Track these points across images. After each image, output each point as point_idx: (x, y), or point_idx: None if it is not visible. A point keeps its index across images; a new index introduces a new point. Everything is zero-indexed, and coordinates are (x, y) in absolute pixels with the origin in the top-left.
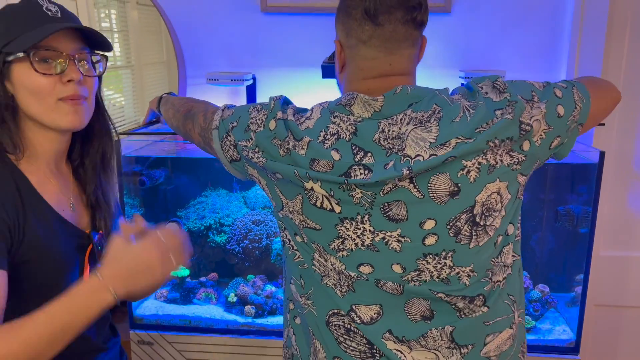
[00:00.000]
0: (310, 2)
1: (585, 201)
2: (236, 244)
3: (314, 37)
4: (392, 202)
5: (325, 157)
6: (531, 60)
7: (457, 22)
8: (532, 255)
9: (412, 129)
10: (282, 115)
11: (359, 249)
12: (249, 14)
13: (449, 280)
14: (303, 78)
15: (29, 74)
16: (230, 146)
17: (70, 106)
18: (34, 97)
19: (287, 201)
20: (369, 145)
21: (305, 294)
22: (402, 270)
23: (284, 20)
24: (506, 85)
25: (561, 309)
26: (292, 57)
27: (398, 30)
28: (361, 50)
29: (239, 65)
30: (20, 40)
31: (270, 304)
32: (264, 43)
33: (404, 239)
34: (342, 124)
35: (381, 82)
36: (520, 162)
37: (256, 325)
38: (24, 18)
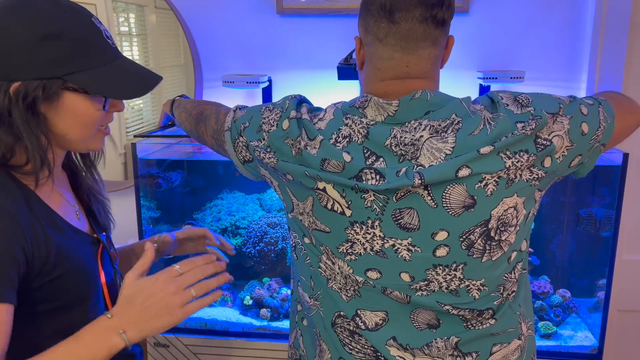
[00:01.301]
0: (326, 4)
1: (608, 204)
2: (252, 247)
3: (329, 38)
4: (405, 209)
5: (337, 157)
6: (551, 61)
7: (475, 22)
8: (553, 259)
9: (427, 137)
10: (295, 114)
11: (368, 254)
12: (265, 16)
13: (457, 292)
14: (319, 80)
15: (88, 107)
16: (242, 147)
17: (103, 133)
18: (81, 126)
19: (297, 202)
20: (380, 149)
21: (314, 295)
22: (410, 279)
23: (300, 22)
24: (530, 99)
25: (583, 315)
26: (308, 59)
27: (415, 28)
28: (378, 48)
29: (255, 67)
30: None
31: (286, 307)
32: (279, 45)
33: (414, 248)
34: (355, 127)
35: (398, 84)
36: (540, 179)
37: (272, 328)
38: (88, 47)
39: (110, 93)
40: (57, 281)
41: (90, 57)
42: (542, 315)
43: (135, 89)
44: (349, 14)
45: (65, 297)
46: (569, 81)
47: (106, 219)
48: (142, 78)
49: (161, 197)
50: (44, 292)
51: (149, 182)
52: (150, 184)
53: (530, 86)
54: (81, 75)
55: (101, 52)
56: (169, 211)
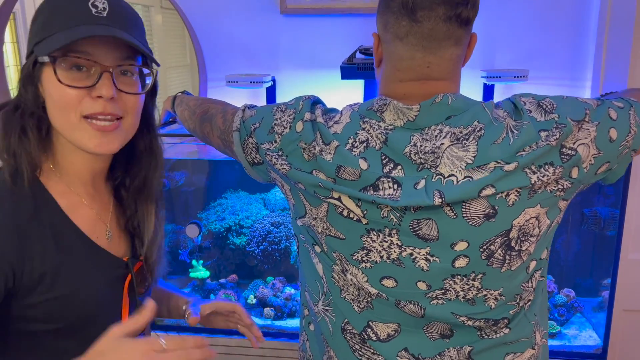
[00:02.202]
0: (329, 4)
1: (612, 203)
2: (255, 246)
3: (333, 38)
4: (423, 219)
5: (353, 164)
6: (556, 60)
7: (480, 21)
8: (557, 258)
9: (448, 145)
10: (310, 116)
11: (384, 262)
12: (268, 16)
13: (474, 301)
14: (322, 79)
15: (54, 82)
16: (252, 149)
17: (95, 128)
18: (58, 110)
19: (311, 207)
20: (399, 157)
21: (323, 302)
22: (427, 287)
23: (303, 22)
24: (554, 104)
25: (588, 314)
26: (311, 59)
27: (438, 28)
28: (397, 47)
29: (259, 67)
30: (48, 42)
31: (289, 306)
32: (283, 45)
33: (432, 258)
34: (372, 131)
35: (419, 86)
36: (565, 189)
37: (275, 327)
38: (62, 13)
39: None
40: (54, 303)
41: (60, 22)
42: None
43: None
44: (352, 14)
45: (62, 321)
46: (574, 80)
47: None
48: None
49: (165, 197)
50: (38, 311)
51: None
52: None
53: (535, 85)
54: (42, 43)
55: (74, 18)
56: (173, 211)
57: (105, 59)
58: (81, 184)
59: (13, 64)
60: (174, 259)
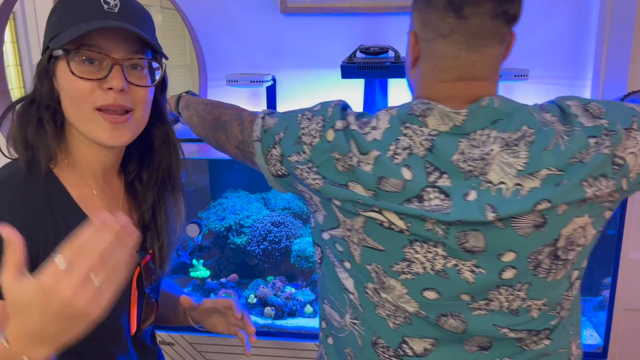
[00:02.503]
0: (330, 3)
1: None
2: (256, 246)
3: (333, 37)
4: (470, 231)
5: (395, 175)
6: (556, 59)
7: None
8: None
9: (498, 150)
10: (342, 124)
11: (427, 274)
12: (269, 15)
13: (517, 311)
14: (323, 78)
15: (67, 75)
16: (276, 160)
17: (107, 119)
18: (72, 102)
19: (345, 219)
20: (445, 165)
21: (351, 316)
22: (470, 298)
23: (304, 21)
24: (602, 110)
25: (588, 314)
26: (311, 58)
27: (485, 24)
28: (440, 45)
29: (259, 66)
30: (62, 36)
31: (290, 306)
32: (283, 44)
33: (478, 269)
34: (415, 137)
35: (462, 87)
36: (614, 200)
37: (276, 326)
38: (75, 9)
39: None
40: None
41: (72, 17)
42: None
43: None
44: (353, 13)
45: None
46: (574, 79)
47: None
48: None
49: None
50: None
51: None
52: None
53: (535, 84)
54: (56, 38)
55: (86, 13)
56: None
57: (116, 52)
58: (92, 177)
59: (13, 63)
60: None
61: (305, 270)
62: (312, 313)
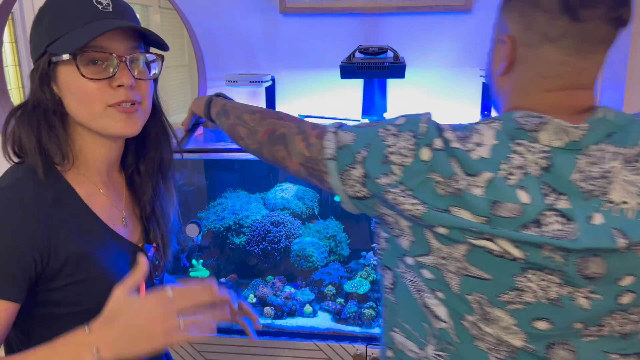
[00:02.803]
0: (329, 3)
1: None
2: (255, 246)
3: (332, 37)
4: (591, 257)
5: (511, 199)
6: None
7: (478, 20)
8: None
9: (619, 167)
10: (441, 143)
11: (539, 302)
12: (268, 16)
13: (628, 335)
14: (322, 79)
15: (75, 78)
16: (356, 182)
17: (121, 112)
18: (82, 103)
19: (440, 246)
20: (564, 185)
21: (437, 346)
22: (582, 326)
23: (303, 22)
24: None
25: None
26: (310, 58)
27: (599, 29)
28: (545, 50)
29: (258, 67)
30: (66, 40)
31: (289, 305)
32: (282, 44)
33: (594, 295)
34: (528, 155)
35: (567, 97)
36: None
37: (275, 326)
38: (71, 12)
39: (66, 49)
40: (79, 285)
41: (69, 21)
42: None
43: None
44: (352, 13)
45: (86, 303)
46: None
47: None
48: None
49: None
50: (63, 294)
51: None
52: None
53: None
54: (59, 42)
55: (81, 15)
56: None
57: (118, 50)
58: (97, 174)
59: (12, 63)
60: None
61: (305, 270)
62: (311, 313)
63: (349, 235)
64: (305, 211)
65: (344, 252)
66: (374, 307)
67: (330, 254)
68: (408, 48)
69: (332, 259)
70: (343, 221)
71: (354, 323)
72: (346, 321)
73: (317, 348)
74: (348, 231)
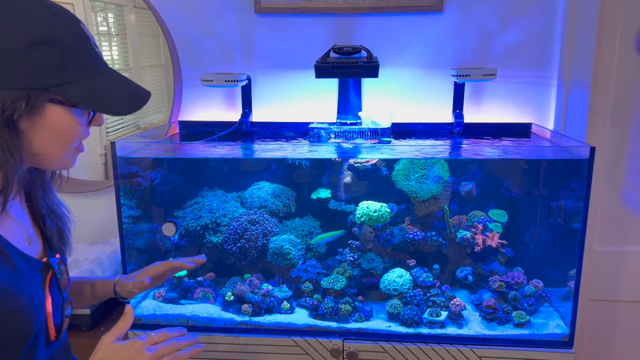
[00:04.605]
0: (303, 3)
1: (578, 196)
2: (233, 244)
3: (307, 37)
4: None
5: None
6: (522, 58)
7: (449, 21)
8: (526, 251)
9: None
10: None
11: None
12: (243, 15)
13: None
14: (297, 78)
15: (69, 120)
16: None
17: (78, 150)
18: (58, 142)
19: None
20: None
21: None
22: None
23: (278, 21)
24: None
25: (556, 304)
26: (286, 58)
27: None
28: None
29: (234, 66)
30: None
31: (267, 302)
32: (258, 44)
33: None
34: None
35: None
36: None
37: (253, 323)
38: (79, 56)
39: (103, 108)
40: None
41: (80, 67)
42: (516, 305)
43: (129, 104)
44: (327, 13)
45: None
46: (541, 78)
47: (61, 241)
48: (132, 92)
49: (142, 196)
50: None
51: (129, 180)
52: (130, 183)
53: (503, 83)
54: (71, 88)
55: (91, 62)
56: (150, 209)
57: None
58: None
59: None
60: (151, 258)
61: (282, 268)
62: (288, 309)
63: (326, 232)
64: (282, 209)
65: (320, 250)
66: (350, 303)
67: (307, 251)
68: (382, 48)
69: (309, 256)
70: (319, 219)
71: (330, 318)
72: (323, 317)
73: (294, 344)
74: (325, 229)
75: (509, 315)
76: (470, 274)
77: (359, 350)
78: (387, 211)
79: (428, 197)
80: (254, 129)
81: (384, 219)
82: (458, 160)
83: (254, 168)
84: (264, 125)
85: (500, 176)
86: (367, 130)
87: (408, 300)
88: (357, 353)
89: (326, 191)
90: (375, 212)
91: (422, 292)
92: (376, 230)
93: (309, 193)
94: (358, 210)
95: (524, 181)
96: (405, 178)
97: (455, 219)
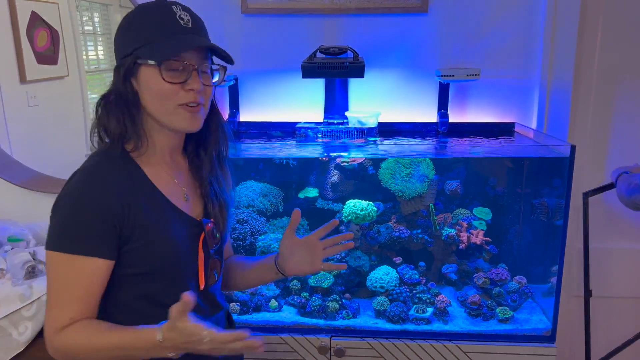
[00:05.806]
0: (290, 4)
1: (560, 194)
2: None
3: (294, 38)
4: None
5: None
6: (506, 59)
7: (434, 22)
8: (510, 247)
9: None
10: None
11: None
12: (230, 16)
13: None
14: (284, 78)
15: (157, 79)
16: None
17: (188, 112)
18: (157, 100)
19: None
20: None
21: None
22: None
23: (265, 22)
24: None
25: (539, 300)
26: (272, 58)
27: None
28: None
29: None
30: (153, 49)
31: (255, 301)
32: (245, 44)
33: None
34: None
35: None
36: None
37: (241, 321)
38: (157, 24)
39: (153, 56)
40: (144, 249)
41: (157, 33)
42: (500, 301)
43: (173, 49)
44: (313, 14)
45: (148, 265)
46: (523, 78)
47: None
48: (187, 43)
49: None
50: (131, 257)
51: None
52: None
53: (486, 84)
54: (146, 49)
55: (168, 30)
56: None
57: (191, 60)
58: (162, 158)
59: None
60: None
61: None
62: (276, 307)
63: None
64: (270, 208)
65: None
66: (338, 300)
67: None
68: (368, 48)
69: None
70: (307, 218)
71: (318, 316)
72: (311, 314)
73: (282, 341)
74: (312, 227)
75: (493, 311)
76: (455, 272)
77: (346, 347)
78: (374, 209)
79: (414, 196)
80: (242, 129)
81: (370, 217)
82: (443, 159)
83: (241, 168)
84: (252, 125)
85: (484, 174)
86: (353, 130)
87: (394, 297)
88: (344, 350)
89: (314, 190)
90: (362, 211)
91: (408, 289)
92: (363, 229)
93: (296, 192)
94: (345, 208)
95: (508, 179)
96: (392, 177)
97: (440, 216)
